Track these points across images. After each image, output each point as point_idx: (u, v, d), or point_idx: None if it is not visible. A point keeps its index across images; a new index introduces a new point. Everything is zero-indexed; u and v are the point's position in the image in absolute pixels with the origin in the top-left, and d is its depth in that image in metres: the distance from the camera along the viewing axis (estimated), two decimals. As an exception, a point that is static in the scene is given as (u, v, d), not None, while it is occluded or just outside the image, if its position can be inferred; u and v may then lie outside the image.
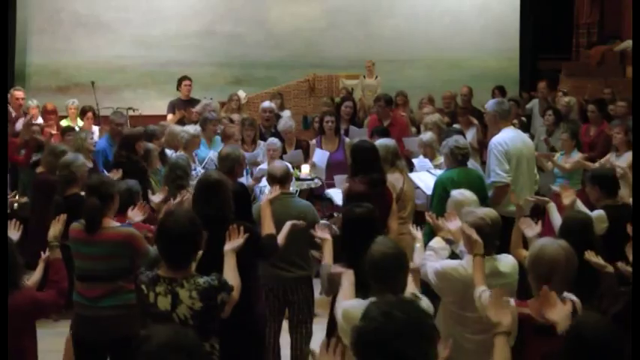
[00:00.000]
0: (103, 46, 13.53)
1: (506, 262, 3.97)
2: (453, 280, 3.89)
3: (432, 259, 4.11)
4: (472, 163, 6.43)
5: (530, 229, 4.49)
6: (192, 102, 9.93)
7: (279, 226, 4.69)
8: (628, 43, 12.07)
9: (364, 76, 12.30)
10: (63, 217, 4.22)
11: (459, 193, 4.75)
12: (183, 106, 9.74)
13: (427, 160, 6.89)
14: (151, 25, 13.72)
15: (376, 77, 12.19)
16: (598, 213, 5.04)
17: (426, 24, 14.19)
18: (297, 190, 6.94)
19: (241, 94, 12.16)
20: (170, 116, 9.70)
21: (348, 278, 3.62)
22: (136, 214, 4.85)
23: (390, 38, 14.09)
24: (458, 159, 5.79)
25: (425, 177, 6.31)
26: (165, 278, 3.35)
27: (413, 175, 6.30)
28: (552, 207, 5.25)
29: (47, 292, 3.86)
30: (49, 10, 13.56)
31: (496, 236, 3.91)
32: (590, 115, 8.98)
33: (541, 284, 3.17)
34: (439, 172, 6.21)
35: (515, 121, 9.19)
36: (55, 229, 4.13)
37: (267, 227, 4.52)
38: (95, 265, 4.39)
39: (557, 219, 4.99)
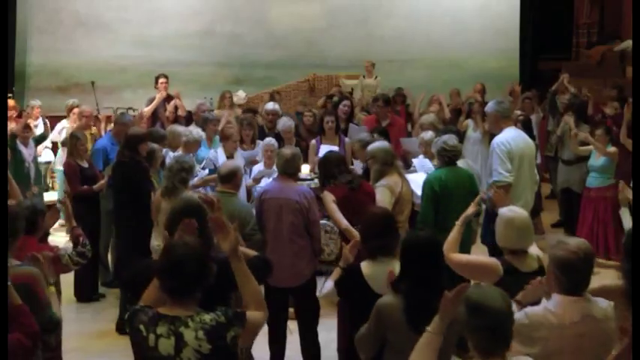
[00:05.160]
0: (103, 46, 13.55)
1: (601, 306, 3.37)
2: (543, 332, 3.28)
3: None
4: (466, 162, 6.45)
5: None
6: (169, 98, 10.14)
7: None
8: (628, 43, 12.07)
9: (363, 76, 12.32)
10: None
11: (508, 210, 4.14)
12: (161, 102, 9.93)
13: (427, 161, 6.86)
14: (151, 25, 13.74)
15: (375, 77, 12.21)
16: None
17: (426, 24, 14.21)
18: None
19: (241, 94, 12.18)
20: (146, 109, 9.93)
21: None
22: None
23: (390, 38, 14.10)
24: (445, 160, 5.80)
25: (418, 178, 6.30)
26: (167, 317, 2.89)
27: (409, 177, 6.32)
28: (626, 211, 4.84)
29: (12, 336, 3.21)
30: (49, 10, 13.57)
31: (589, 272, 3.35)
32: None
33: None
34: (438, 172, 6.22)
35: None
36: None
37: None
38: None
39: (628, 221, 4.61)
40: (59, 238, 9.40)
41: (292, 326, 5.51)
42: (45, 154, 10.35)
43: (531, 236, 4.03)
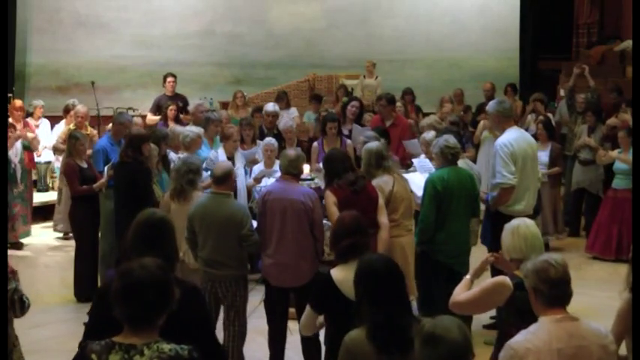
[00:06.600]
0: (103, 46, 13.54)
1: (590, 326, 3.19)
2: (531, 358, 3.06)
3: None
4: (465, 162, 6.45)
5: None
6: (177, 98, 10.18)
7: (208, 224, 5.09)
8: (628, 43, 12.07)
9: (364, 76, 12.31)
10: None
11: (515, 219, 4.03)
12: (168, 101, 9.95)
13: (427, 161, 6.85)
14: (151, 25, 13.73)
15: (376, 77, 12.21)
16: None
17: (426, 24, 14.21)
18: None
19: (242, 94, 12.18)
20: (150, 115, 9.96)
21: None
22: None
23: (390, 38, 14.11)
24: (448, 158, 5.78)
25: (418, 179, 6.30)
26: (121, 345, 2.63)
27: (406, 177, 6.32)
28: None
29: None
30: (49, 10, 13.56)
31: (568, 282, 3.17)
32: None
33: None
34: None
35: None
36: None
37: None
38: None
39: None
40: (50, 236, 9.45)
41: (293, 326, 5.51)
42: (45, 154, 10.35)
43: (541, 246, 3.85)
